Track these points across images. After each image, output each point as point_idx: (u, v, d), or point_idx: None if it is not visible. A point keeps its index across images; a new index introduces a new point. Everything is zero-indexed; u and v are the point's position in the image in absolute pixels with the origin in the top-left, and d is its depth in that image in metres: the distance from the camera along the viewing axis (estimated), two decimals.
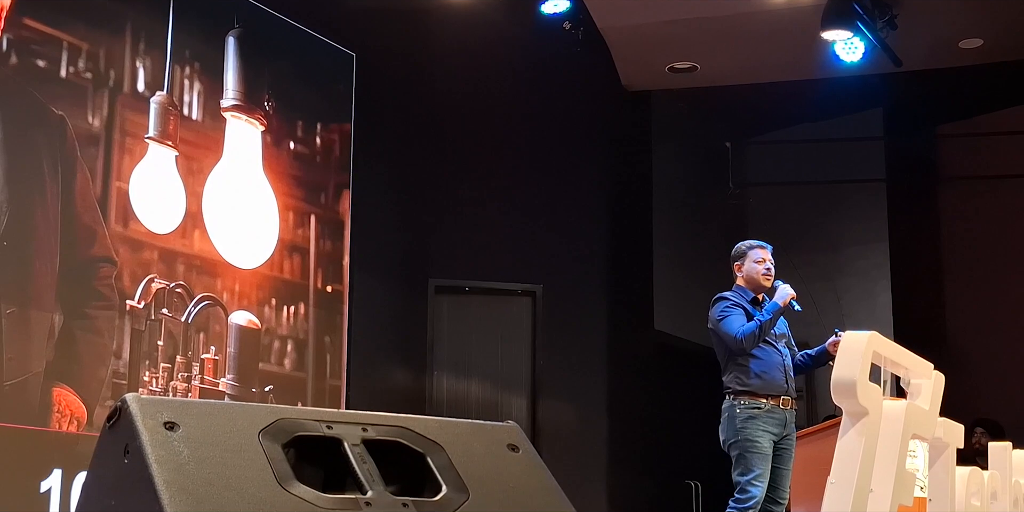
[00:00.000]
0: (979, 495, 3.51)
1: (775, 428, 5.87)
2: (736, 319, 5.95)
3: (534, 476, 2.55)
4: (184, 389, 6.99)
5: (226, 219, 7.51)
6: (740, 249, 6.20)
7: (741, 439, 5.83)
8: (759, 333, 5.87)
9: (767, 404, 5.87)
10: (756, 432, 5.82)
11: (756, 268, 6.08)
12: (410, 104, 9.05)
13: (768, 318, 5.89)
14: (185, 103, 7.32)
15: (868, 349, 2.76)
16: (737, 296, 6.10)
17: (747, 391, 5.89)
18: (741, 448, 5.83)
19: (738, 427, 5.86)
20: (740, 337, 5.88)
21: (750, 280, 6.11)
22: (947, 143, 11.88)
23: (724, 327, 5.98)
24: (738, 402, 5.90)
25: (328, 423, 2.35)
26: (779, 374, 5.95)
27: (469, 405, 9.12)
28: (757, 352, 5.93)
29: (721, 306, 6.05)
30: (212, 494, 2.05)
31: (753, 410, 5.86)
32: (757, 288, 6.08)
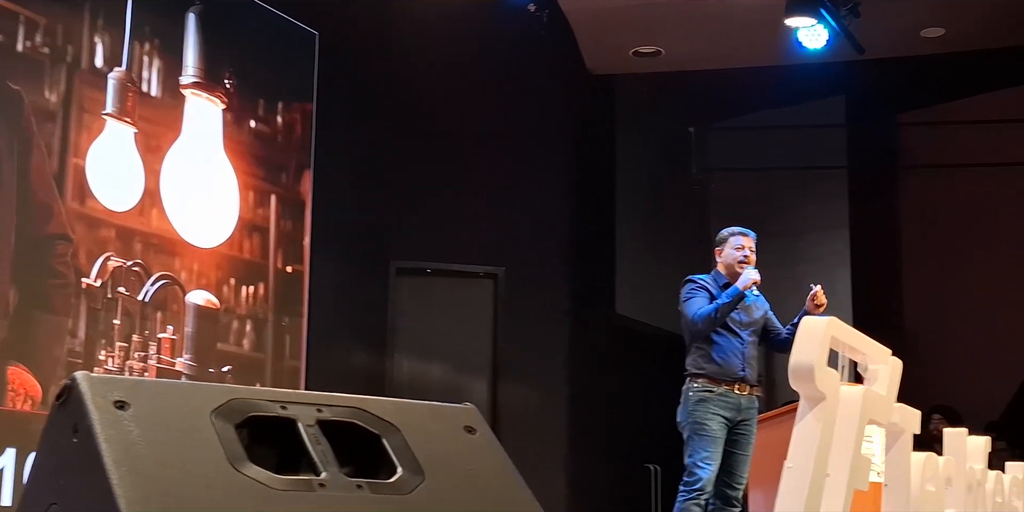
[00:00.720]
0: (934, 480, 3.53)
1: (727, 412, 5.87)
2: (698, 301, 5.97)
3: (491, 458, 2.53)
4: (141, 368, 6.94)
5: (185, 198, 7.45)
6: (722, 235, 6.21)
7: (692, 421, 5.86)
8: (715, 316, 5.88)
9: (720, 388, 5.88)
10: (706, 415, 5.83)
11: (734, 255, 6.09)
12: (373, 85, 9.00)
13: (726, 301, 5.89)
14: (144, 79, 7.24)
15: (826, 334, 2.76)
16: (709, 280, 6.12)
17: (702, 374, 5.91)
18: (691, 430, 5.86)
19: (690, 409, 5.89)
20: (696, 319, 5.92)
21: (727, 266, 6.12)
22: (908, 131, 11.95)
23: (685, 308, 6.01)
24: (693, 385, 5.93)
25: (282, 403, 2.32)
26: (736, 361, 5.94)
27: (429, 387, 9.10)
28: (716, 338, 5.94)
29: (687, 288, 6.08)
30: (163, 474, 2.03)
31: (705, 393, 5.87)
32: (733, 274, 6.07)
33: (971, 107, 11.28)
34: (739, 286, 5.90)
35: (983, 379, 11.07)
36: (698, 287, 6.05)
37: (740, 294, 5.90)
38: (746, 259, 6.06)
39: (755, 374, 6.03)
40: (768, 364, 11.07)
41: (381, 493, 2.26)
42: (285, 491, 2.14)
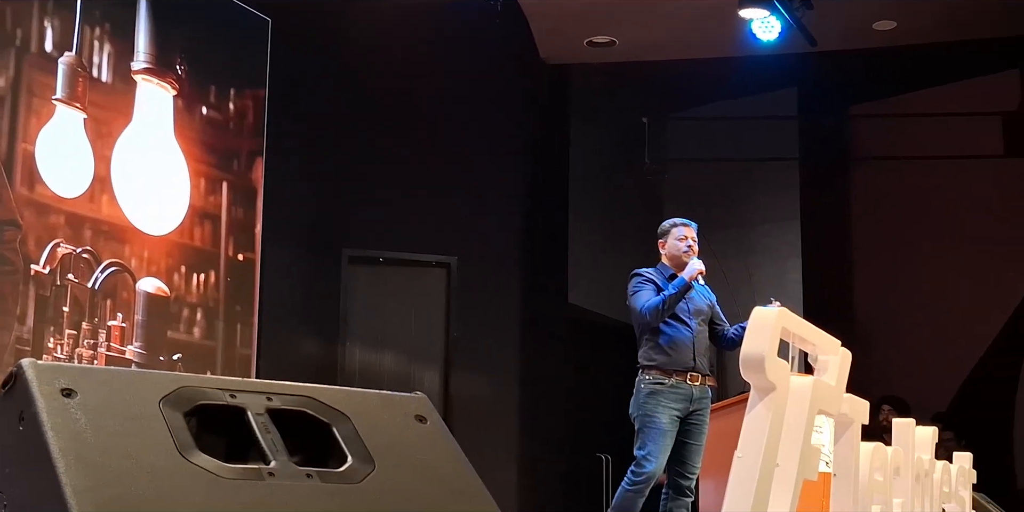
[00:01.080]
0: (882, 470, 3.56)
1: (679, 404, 5.87)
2: (645, 294, 5.98)
3: (441, 447, 2.53)
4: (90, 356, 6.88)
5: (135, 184, 7.38)
6: (664, 227, 6.22)
7: (642, 414, 5.86)
8: (663, 308, 5.88)
9: (671, 380, 5.88)
10: (657, 408, 5.83)
11: (678, 245, 6.11)
12: (326, 72, 8.95)
13: (673, 293, 5.90)
14: (95, 65, 7.16)
15: (777, 325, 2.77)
16: (655, 272, 6.13)
17: (653, 366, 5.91)
18: (641, 423, 5.86)
19: (641, 402, 5.89)
20: (645, 311, 5.92)
21: (672, 257, 6.13)
22: (859, 123, 12.02)
23: (633, 302, 6.02)
24: (644, 377, 5.93)
25: (232, 392, 2.31)
26: (687, 350, 5.95)
27: (381, 376, 9.08)
28: (666, 328, 5.94)
29: (634, 281, 6.09)
30: (110, 463, 2.01)
31: (656, 386, 5.87)
32: (678, 265, 6.09)
33: (922, 100, 11.37)
34: (685, 277, 5.91)
35: (931, 370, 11.18)
36: (645, 280, 6.06)
37: (687, 284, 5.90)
38: (690, 249, 6.09)
39: (707, 364, 6.03)
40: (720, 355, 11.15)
41: (331, 482, 2.25)
42: (234, 480, 2.12)
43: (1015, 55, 10.72)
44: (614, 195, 11.49)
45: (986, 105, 10.89)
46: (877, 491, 3.51)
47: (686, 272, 5.93)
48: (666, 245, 6.16)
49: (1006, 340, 11.30)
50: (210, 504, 2.05)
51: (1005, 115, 10.77)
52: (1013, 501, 8.41)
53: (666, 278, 6.08)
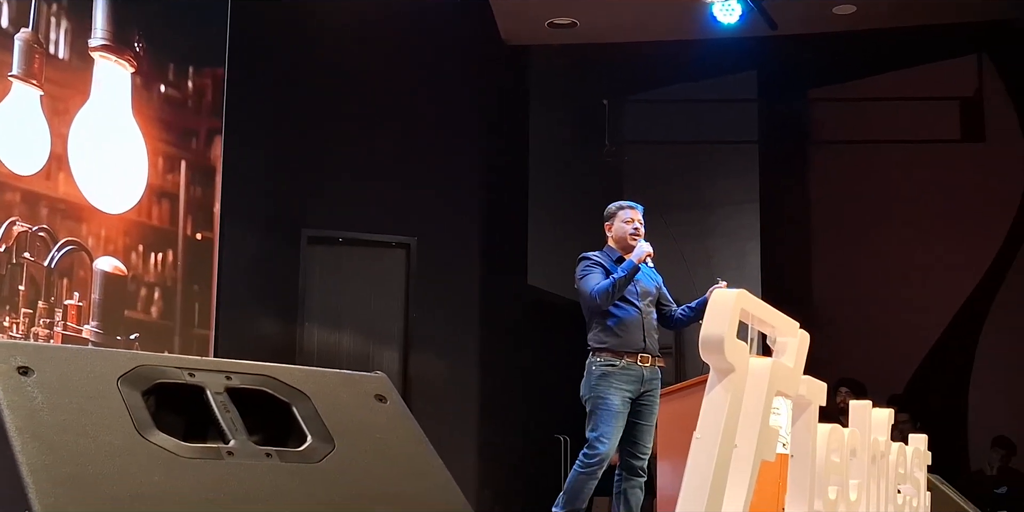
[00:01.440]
0: (839, 452, 3.58)
1: (630, 386, 5.92)
2: (594, 277, 6.02)
3: (401, 427, 2.53)
4: (46, 335, 6.82)
5: (92, 162, 7.31)
6: (610, 210, 6.26)
7: (593, 396, 5.90)
8: (612, 291, 5.92)
9: (622, 362, 5.92)
10: (608, 390, 5.87)
11: (624, 228, 6.15)
12: (286, 50, 8.89)
13: (622, 276, 5.93)
14: (51, 41, 7.08)
15: (736, 307, 2.78)
16: (603, 256, 6.16)
17: (604, 348, 5.95)
18: (593, 405, 5.90)
19: (592, 384, 5.93)
20: (594, 294, 5.95)
21: (619, 240, 6.17)
22: (818, 107, 12.07)
23: (583, 285, 6.06)
24: (595, 359, 5.97)
25: (190, 370, 2.30)
26: (637, 332, 6.00)
27: (340, 357, 9.06)
28: (616, 311, 5.98)
29: (583, 265, 6.13)
30: (67, 441, 2.00)
31: (607, 368, 5.91)
32: (625, 248, 6.13)
33: (880, 84, 11.43)
34: (634, 259, 5.95)
35: (888, 353, 11.28)
36: (593, 263, 6.10)
37: (635, 267, 5.94)
38: (636, 231, 6.14)
39: (656, 345, 6.07)
40: (677, 336, 11.19)
41: (290, 461, 2.25)
42: (193, 459, 2.12)
43: (972, 41, 10.80)
44: (574, 177, 11.49)
45: (943, 90, 10.97)
46: (833, 472, 3.53)
47: (634, 255, 5.97)
48: (612, 228, 6.20)
49: (962, 324, 11.42)
50: (168, 483, 2.04)
51: (962, 100, 10.84)
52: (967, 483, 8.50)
53: (613, 261, 6.12)
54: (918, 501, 4.43)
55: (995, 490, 9.80)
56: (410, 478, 2.43)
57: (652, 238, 6.23)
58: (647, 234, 6.23)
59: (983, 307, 11.41)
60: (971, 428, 11.28)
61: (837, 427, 3.63)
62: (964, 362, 11.42)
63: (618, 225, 6.18)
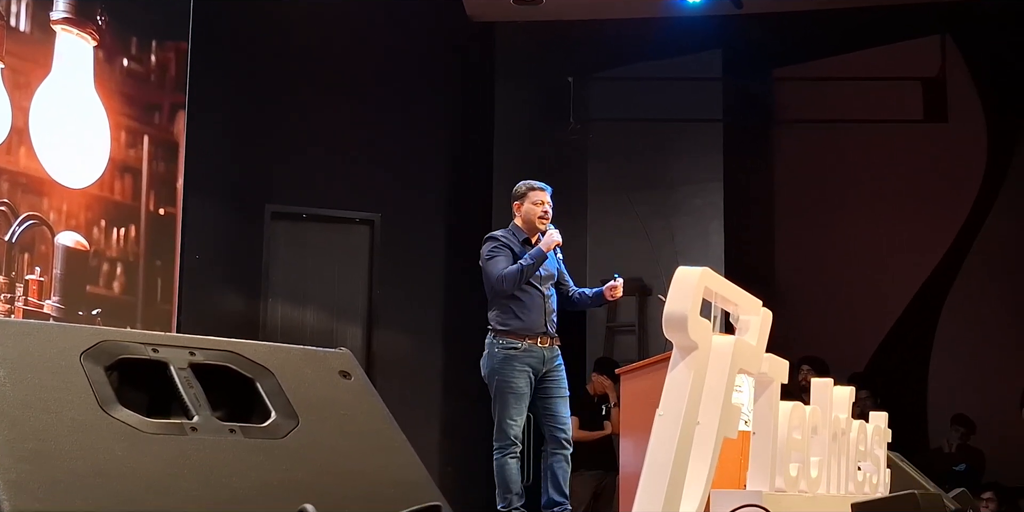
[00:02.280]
0: (801, 429, 3.62)
1: (532, 367, 6.03)
2: (500, 261, 6.09)
3: (365, 402, 2.53)
4: (7, 310, 6.78)
5: (54, 136, 7.25)
6: (520, 189, 6.29)
7: (498, 378, 6.03)
8: (519, 277, 6.01)
9: (524, 344, 6.03)
10: (513, 372, 5.99)
11: (534, 210, 6.19)
12: (249, 25, 8.84)
13: (531, 263, 6.01)
14: (13, 14, 7.01)
15: (700, 284, 2.80)
16: (509, 236, 6.22)
17: (506, 330, 6.06)
18: (498, 387, 6.04)
19: (496, 366, 6.04)
20: (500, 279, 6.04)
21: (527, 221, 6.22)
22: (783, 86, 12.08)
23: (489, 268, 6.13)
24: (496, 341, 6.08)
25: (154, 346, 2.29)
26: (539, 315, 6.08)
27: (304, 333, 9.05)
28: (519, 294, 6.06)
29: (489, 246, 6.19)
30: (29, 417, 1.99)
31: (510, 350, 6.03)
32: (532, 229, 6.20)
33: (845, 64, 11.45)
34: (543, 248, 6.03)
35: (850, 332, 11.35)
36: (501, 245, 6.16)
37: (543, 255, 6.03)
38: (545, 214, 6.19)
39: (555, 326, 6.17)
40: (640, 315, 11.22)
41: (254, 437, 2.25)
42: (156, 434, 2.12)
43: (936, 21, 10.83)
44: (539, 154, 11.47)
45: (907, 70, 11.00)
46: (795, 449, 3.57)
47: (544, 243, 6.05)
48: (522, 208, 6.24)
49: (923, 302, 11.50)
50: (131, 458, 2.04)
51: (925, 80, 10.89)
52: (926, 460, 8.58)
53: (520, 242, 6.19)
54: (878, 478, 4.48)
55: (954, 467, 9.90)
56: (374, 454, 2.44)
57: (617, 215, 6.27)
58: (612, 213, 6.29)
59: (944, 286, 11.50)
60: (930, 406, 11.38)
61: (799, 405, 3.66)
62: (925, 341, 11.51)
63: (527, 206, 6.21)
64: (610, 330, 11.37)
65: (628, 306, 11.31)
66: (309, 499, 1.93)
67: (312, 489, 2.19)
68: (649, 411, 2.85)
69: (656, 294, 10.20)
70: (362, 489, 2.31)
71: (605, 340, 11.33)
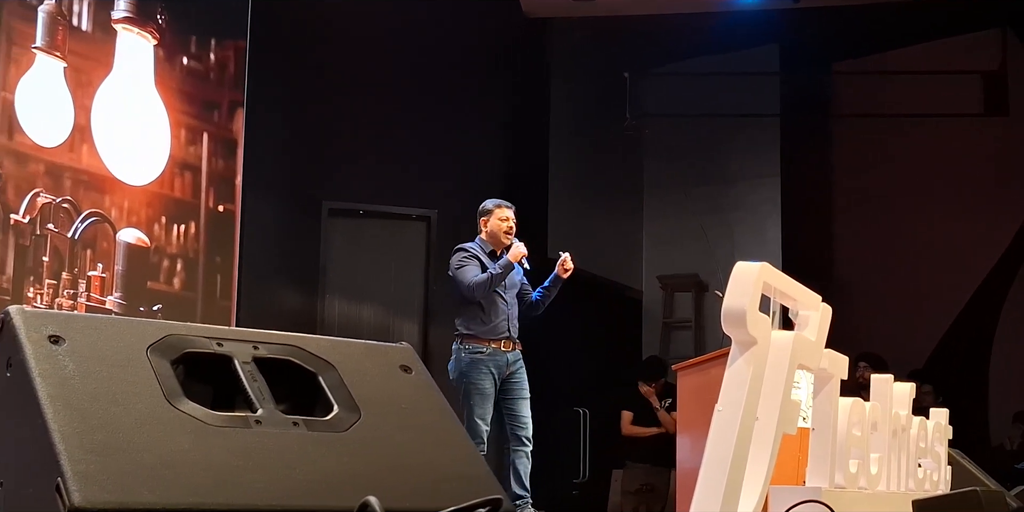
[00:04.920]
0: (860, 425, 3.59)
1: (497, 369, 6.48)
2: (470, 270, 6.53)
3: (426, 397, 2.55)
4: (70, 306, 6.87)
5: (115, 134, 7.34)
6: (487, 206, 6.76)
7: (466, 381, 6.43)
8: (488, 284, 6.48)
9: (489, 347, 6.48)
10: (479, 375, 6.44)
11: (500, 225, 6.67)
12: (306, 23, 8.88)
13: (498, 272, 6.48)
14: (75, 13, 7.10)
15: (759, 280, 2.79)
16: (477, 248, 6.65)
17: (471, 335, 6.51)
18: (466, 389, 6.43)
19: (463, 370, 6.47)
20: (471, 287, 6.46)
21: (492, 235, 6.69)
22: (841, 81, 12.01)
23: (459, 275, 6.56)
24: (463, 346, 6.51)
25: (218, 340, 2.32)
26: (503, 322, 6.54)
27: (361, 329, 9.09)
28: (484, 301, 6.53)
29: (459, 256, 6.63)
30: (97, 409, 2.02)
31: (476, 355, 6.48)
32: (498, 243, 6.67)
33: (904, 58, 11.36)
34: (510, 258, 6.51)
35: (909, 327, 11.25)
36: (469, 255, 6.61)
37: (511, 265, 6.51)
38: (510, 230, 6.68)
39: (518, 331, 6.64)
40: (697, 310, 11.20)
41: (317, 430, 2.27)
42: (221, 427, 2.14)
43: (997, 14, 10.72)
44: (594, 150, 11.47)
45: (967, 64, 10.89)
46: (854, 446, 3.54)
47: (511, 254, 6.53)
48: (488, 223, 6.71)
49: (983, 297, 11.38)
50: (197, 450, 2.07)
51: (985, 74, 10.77)
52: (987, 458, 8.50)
53: (487, 253, 6.64)
54: (938, 475, 4.44)
55: (1016, 465, 9.79)
56: (434, 447, 2.45)
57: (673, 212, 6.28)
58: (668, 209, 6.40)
59: (1005, 281, 11.37)
60: (992, 403, 11.26)
61: (859, 400, 3.63)
62: (985, 337, 11.40)
63: (493, 222, 6.69)
64: (666, 326, 11.35)
65: (685, 302, 11.29)
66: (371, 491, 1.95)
67: (374, 482, 2.20)
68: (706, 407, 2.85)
69: (713, 290, 10.17)
70: (423, 482, 2.33)
71: (661, 336, 11.31)
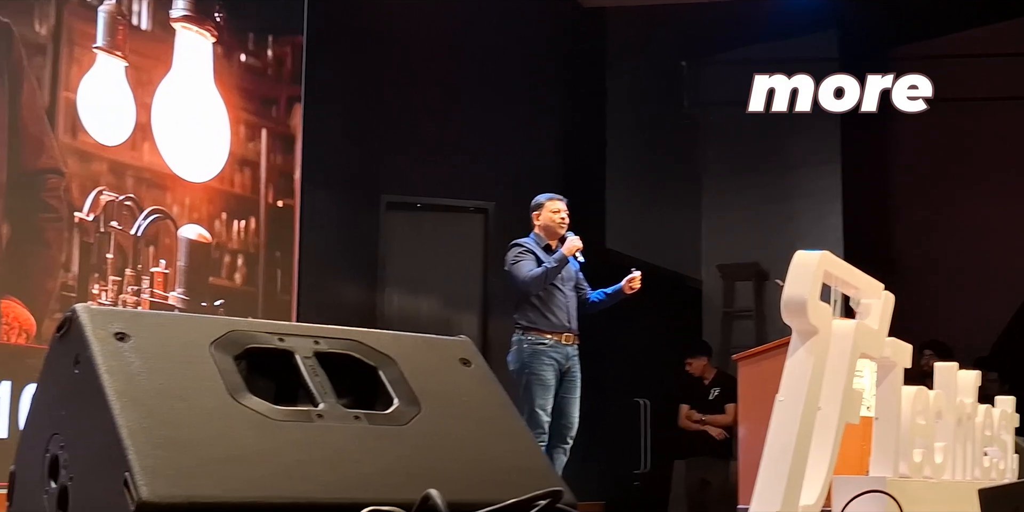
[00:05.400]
0: (924, 414, 3.56)
1: (558, 362, 6.54)
2: (526, 264, 6.59)
3: (486, 390, 2.56)
4: (134, 302, 6.95)
5: (176, 132, 7.42)
6: (539, 201, 6.83)
7: (528, 372, 6.48)
8: (543, 278, 6.53)
9: (551, 340, 6.53)
10: (541, 366, 6.49)
11: (552, 217, 6.74)
12: (362, 17, 8.92)
13: (553, 266, 6.54)
14: (134, 13, 7.17)
15: (819, 268, 2.77)
16: (531, 243, 6.71)
17: (533, 327, 6.56)
18: (528, 380, 6.47)
19: (524, 361, 6.52)
20: (527, 280, 6.52)
21: (546, 228, 6.75)
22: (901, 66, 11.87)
23: (515, 270, 6.62)
24: (525, 337, 6.56)
25: (280, 335, 2.34)
26: (562, 314, 6.61)
27: (420, 322, 9.12)
28: (544, 295, 6.59)
29: (514, 252, 6.69)
30: (163, 405, 2.05)
31: (538, 345, 6.53)
32: (552, 236, 6.73)
33: (967, 41, 11.22)
34: (564, 252, 6.56)
35: (974, 315, 11.13)
36: (525, 250, 6.68)
37: (565, 258, 6.56)
38: (563, 221, 6.74)
39: (577, 324, 6.69)
40: (758, 299, 11.14)
41: (378, 424, 2.29)
42: (284, 421, 2.16)
43: None
44: (652, 139, 11.44)
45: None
46: (919, 435, 3.51)
47: (566, 247, 6.58)
48: (540, 217, 6.80)
49: None
50: (261, 445, 2.09)
51: None
52: None
53: (541, 248, 6.70)
54: (1005, 464, 4.39)
55: None
56: (495, 440, 2.46)
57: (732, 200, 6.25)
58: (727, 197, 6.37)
59: None
60: None
61: (923, 389, 3.60)
62: None
63: (545, 215, 6.77)
64: (727, 315, 11.31)
65: (745, 291, 11.24)
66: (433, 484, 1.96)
67: (435, 474, 2.22)
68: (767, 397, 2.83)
69: (773, 279, 10.12)
70: (484, 475, 2.34)
71: (722, 325, 11.26)
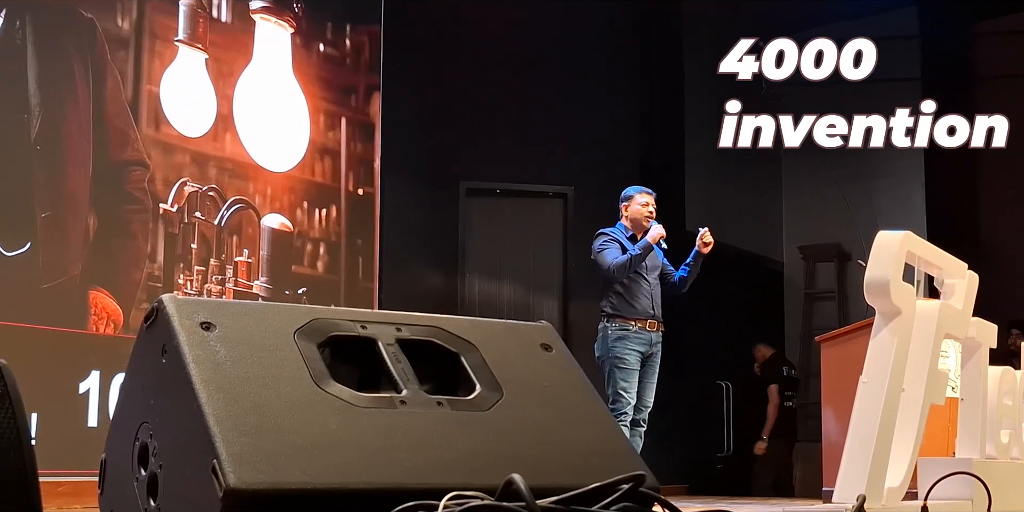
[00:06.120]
0: (1011, 394, 3.52)
1: (642, 347, 6.58)
2: (611, 252, 6.65)
3: (567, 375, 2.57)
4: (218, 291, 7.05)
5: (257, 122, 7.50)
6: (628, 193, 6.88)
7: (612, 356, 6.52)
8: (628, 265, 6.58)
9: (635, 326, 6.59)
10: (625, 351, 6.53)
11: (641, 211, 6.78)
12: (440, 5, 8.94)
13: (638, 253, 6.61)
14: (214, 5, 7.26)
15: (902, 249, 2.75)
16: (618, 232, 6.77)
17: (618, 315, 6.61)
18: (611, 365, 6.51)
19: (609, 346, 6.56)
20: (612, 267, 6.57)
21: (634, 220, 6.78)
22: (983, 41, 11.68)
23: (601, 258, 6.67)
24: (610, 324, 6.61)
25: (362, 323, 2.37)
26: (646, 301, 6.68)
27: (501, 307, 9.16)
28: (628, 282, 6.64)
29: (600, 240, 6.75)
30: (249, 392, 2.08)
31: (622, 331, 6.58)
32: (638, 228, 6.76)
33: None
34: (649, 239, 6.62)
35: None
36: (610, 239, 6.74)
37: (649, 246, 6.62)
38: (651, 214, 6.79)
39: (661, 311, 6.77)
40: (840, 280, 11.03)
41: (461, 409, 2.31)
42: (367, 408, 2.19)
43: None
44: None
45: None
46: (1006, 415, 3.48)
47: (650, 236, 6.64)
48: (629, 209, 6.85)
49: None
50: (345, 431, 2.12)
51: None
52: None
53: (627, 238, 6.76)
54: None
55: None
56: (577, 425, 2.47)
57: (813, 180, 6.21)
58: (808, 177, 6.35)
59: None
60: None
61: (1009, 369, 3.56)
62: None
63: (634, 207, 6.81)
64: (809, 297, 11.21)
65: (827, 272, 11.14)
66: (516, 469, 1.97)
67: (518, 460, 2.23)
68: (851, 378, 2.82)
69: (856, 259, 10.03)
70: (566, 460, 2.34)
71: (804, 307, 11.17)
